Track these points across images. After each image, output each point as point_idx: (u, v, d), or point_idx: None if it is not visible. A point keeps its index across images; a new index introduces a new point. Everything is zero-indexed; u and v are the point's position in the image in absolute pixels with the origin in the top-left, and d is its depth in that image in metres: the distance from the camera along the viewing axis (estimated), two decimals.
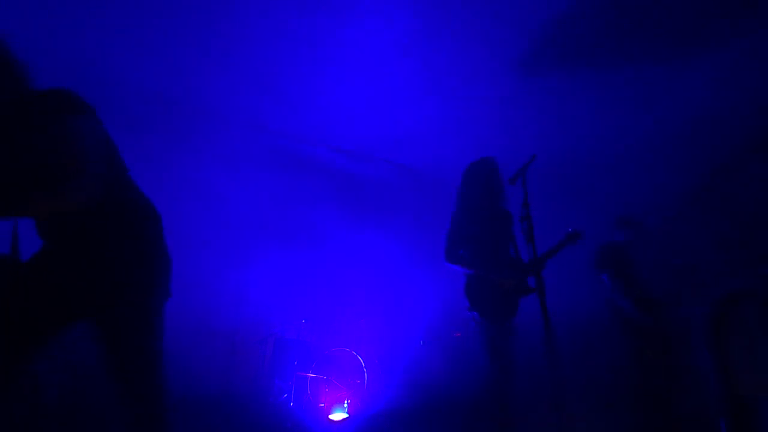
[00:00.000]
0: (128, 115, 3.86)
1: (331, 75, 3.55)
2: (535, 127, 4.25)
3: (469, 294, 2.49)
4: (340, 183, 5.08)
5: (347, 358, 3.67)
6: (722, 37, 3.13)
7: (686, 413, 2.61)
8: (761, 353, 1.68)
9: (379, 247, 4.78)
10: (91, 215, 1.26)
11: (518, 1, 2.86)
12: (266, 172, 4.64)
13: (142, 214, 1.40)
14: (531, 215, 2.00)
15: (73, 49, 3.36)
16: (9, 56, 1.29)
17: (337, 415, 3.39)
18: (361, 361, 3.61)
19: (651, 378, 2.77)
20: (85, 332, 1.32)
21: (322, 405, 3.45)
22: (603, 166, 4.84)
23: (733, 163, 4.24)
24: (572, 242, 2.58)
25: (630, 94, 3.76)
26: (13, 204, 1.11)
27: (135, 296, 1.31)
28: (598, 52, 3.29)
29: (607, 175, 4.95)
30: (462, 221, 2.59)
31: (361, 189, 5.17)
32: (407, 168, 5.07)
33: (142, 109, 3.87)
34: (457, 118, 4.17)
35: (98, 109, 1.56)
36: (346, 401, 3.44)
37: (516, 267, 2.54)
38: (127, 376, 1.29)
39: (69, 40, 3.26)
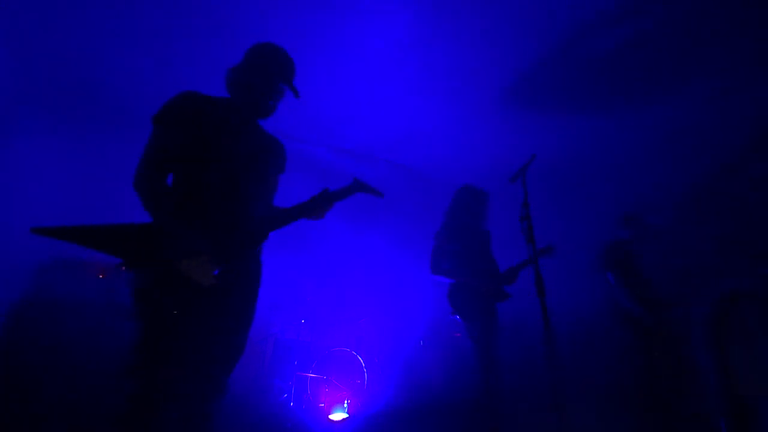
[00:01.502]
0: (128, 116, 3.87)
1: (332, 75, 3.55)
2: (536, 127, 4.24)
3: (451, 300, 2.80)
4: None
5: (347, 358, 3.67)
6: (724, 41, 3.13)
7: (686, 413, 2.60)
8: (761, 353, 1.68)
9: (378, 247, 4.78)
10: None
11: (520, 2, 2.86)
12: None
13: None
14: (531, 215, 1.99)
15: (73, 50, 3.36)
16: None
17: (337, 415, 3.38)
18: (361, 361, 3.61)
19: (654, 378, 2.77)
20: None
21: (322, 405, 3.45)
22: (603, 166, 4.84)
23: (733, 163, 4.24)
24: (545, 256, 2.83)
25: (632, 96, 3.76)
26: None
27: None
28: (601, 53, 3.28)
29: (607, 175, 4.95)
30: (444, 239, 2.89)
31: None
32: (407, 168, 5.06)
33: (142, 110, 3.86)
34: (457, 119, 4.16)
35: (98, 109, 1.59)
36: (346, 401, 3.44)
37: (492, 276, 2.84)
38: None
39: (69, 40, 3.26)
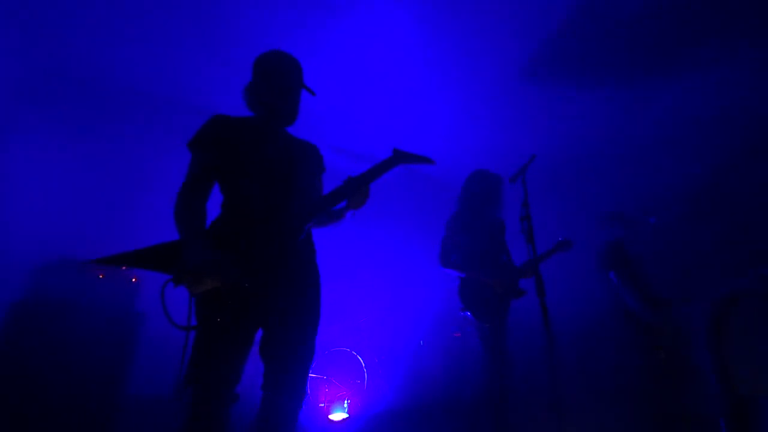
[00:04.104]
0: (130, 115, 3.86)
1: (332, 74, 3.55)
2: (536, 127, 4.25)
3: (462, 296, 2.63)
4: (338, 184, 5.05)
5: (347, 358, 3.67)
6: (724, 41, 3.13)
7: (686, 413, 2.60)
8: (761, 353, 1.68)
9: (378, 246, 4.78)
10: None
11: (521, 3, 2.86)
12: None
13: None
14: (531, 215, 2.00)
15: (74, 48, 3.36)
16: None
17: (337, 415, 3.38)
18: (361, 361, 3.61)
19: (656, 377, 2.77)
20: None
21: (322, 405, 3.45)
22: (603, 166, 4.84)
23: (733, 163, 4.24)
24: (563, 250, 2.78)
25: (631, 95, 3.76)
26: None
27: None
28: (601, 53, 3.28)
29: (607, 175, 4.95)
30: (456, 228, 2.71)
31: None
32: (407, 168, 5.06)
33: (141, 109, 3.87)
34: (458, 118, 4.17)
35: (100, 108, 1.58)
36: (346, 401, 3.44)
37: (506, 271, 2.68)
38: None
39: (67, 39, 3.26)
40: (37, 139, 3.45)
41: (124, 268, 2.75)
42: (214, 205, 1.52)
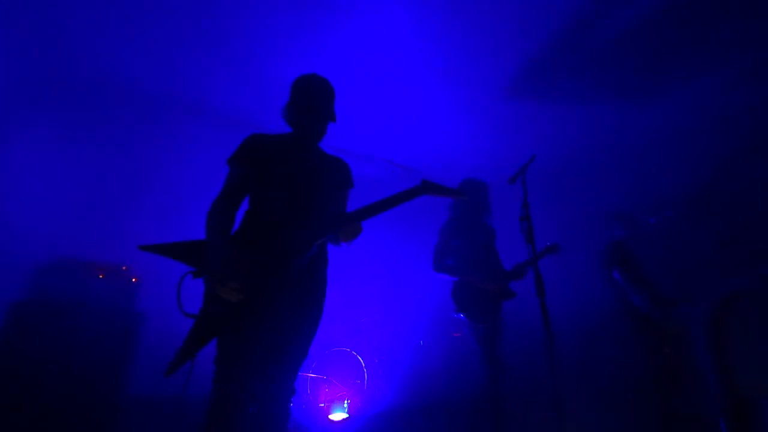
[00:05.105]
0: (130, 115, 3.87)
1: (332, 75, 3.55)
2: (536, 128, 4.24)
3: (456, 298, 2.75)
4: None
5: (347, 358, 3.67)
6: (724, 42, 3.13)
7: (686, 413, 2.60)
8: (761, 353, 1.68)
9: (378, 247, 4.77)
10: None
11: (521, 6, 2.86)
12: None
13: None
14: (530, 215, 2.00)
15: (72, 49, 3.36)
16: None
17: (337, 415, 3.38)
18: (361, 361, 3.61)
19: (659, 376, 2.77)
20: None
21: (322, 405, 3.45)
22: (603, 167, 4.84)
23: (733, 163, 4.24)
24: (552, 253, 2.83)
25: (631, 95, 3.76)
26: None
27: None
28: (600, 54, 3.28)
29: (607, 175, 4.95)
30: (449, 234, 2.86)
31: (361, 189, 5.14)
32: (407, 168, 5.06)
33: (141, 109, 3.87)
34: (457, 118, 4.16)
35: (100, 107, 1.59)
36: (346, 401, 3.44)
37: (498, 274, 2.81)
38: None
39: (67, 39, 3.26)
40: (37, 139, 3.45)
41: (124, 269, 2.76)
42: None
